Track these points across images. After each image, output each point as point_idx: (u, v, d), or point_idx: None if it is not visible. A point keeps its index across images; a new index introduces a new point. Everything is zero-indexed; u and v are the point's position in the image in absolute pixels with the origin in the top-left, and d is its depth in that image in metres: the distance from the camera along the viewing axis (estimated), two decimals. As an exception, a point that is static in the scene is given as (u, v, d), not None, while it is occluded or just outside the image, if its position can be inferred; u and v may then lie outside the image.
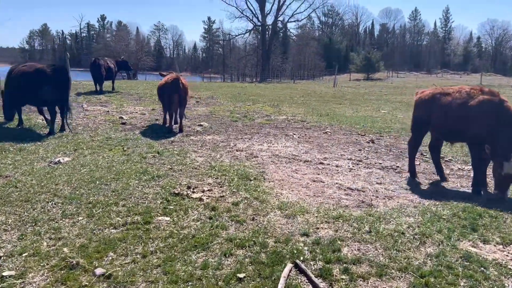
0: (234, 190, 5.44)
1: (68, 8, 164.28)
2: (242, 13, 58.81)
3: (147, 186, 5.46)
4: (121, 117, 11.55)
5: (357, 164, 7.54)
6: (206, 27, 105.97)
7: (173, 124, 10.17)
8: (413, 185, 6.50)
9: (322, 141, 9.43)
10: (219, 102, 16.53)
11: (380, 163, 7.67)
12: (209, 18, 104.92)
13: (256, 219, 4.57)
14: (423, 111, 6.69)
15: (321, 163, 7.51)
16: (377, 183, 6.50)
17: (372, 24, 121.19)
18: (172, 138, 8.96)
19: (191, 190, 5.34)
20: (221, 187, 5.58)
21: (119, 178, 5.70)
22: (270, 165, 7.13)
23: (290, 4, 62.01)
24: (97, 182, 5.49)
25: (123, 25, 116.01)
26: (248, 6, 60.08)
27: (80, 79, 24.42)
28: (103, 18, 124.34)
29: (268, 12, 60.30)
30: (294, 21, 65.31)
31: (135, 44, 50.03)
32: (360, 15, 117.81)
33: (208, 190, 5.39)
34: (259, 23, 59.71)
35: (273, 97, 19.66)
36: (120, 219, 4.41)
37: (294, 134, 10.17)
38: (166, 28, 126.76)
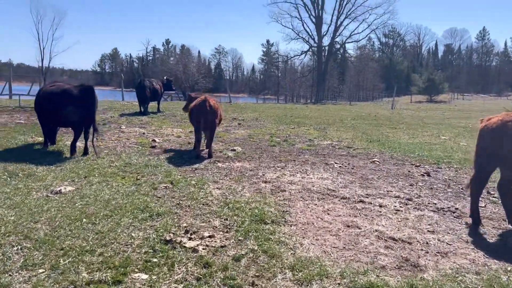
0: (241, 237, 4.39)
1: (136, 33, 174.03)
2: (298, 34, 58.33)
3: (139, 227, 4.56)
4: (154, 140, 10.95)
5: (406, 204, 6.21)
6: (264, 49, 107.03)
7: (203, 149, 9.37)
8: (476, 236, 5.09)
9: (367, 173, 8.15)
10: (262, 125, 15.63)
11: (435, 204, 6.29)
12: (267, 41, 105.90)
13: (256, 285, 3.49)
14: (491, 143, 5.30)
15: (361, 201, 6.28)
16: (428, 231, 5.17)
17: (436, 44, 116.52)
18: (197, 165, 8.11)
19: (188, 235, 4.36)
20: (227, 232, 4.56)
21: (112, 216, 4.86)
22: (298, 202, 6.01)
23: (347, 25, 60.68)
24: (84, 221, 4.67)
25: (186, 49, 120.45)
26: (304, 28, 59.48)
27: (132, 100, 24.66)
28: (167, 42, 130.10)
29: (324, 33, 59.40)
30: (352, 42, 63.63)
31: (192, 66, 50.98)
32: (423, 36, 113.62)
33: (210, 236, 4.38)
34: (315, 45, 58.82)
35: (321, 119, 18.47)
36: (86, 275, 3.52)
37: (336, 163, 8.96)
38: (226, 51, 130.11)
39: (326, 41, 60.76)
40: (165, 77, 19.73)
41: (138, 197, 5.65)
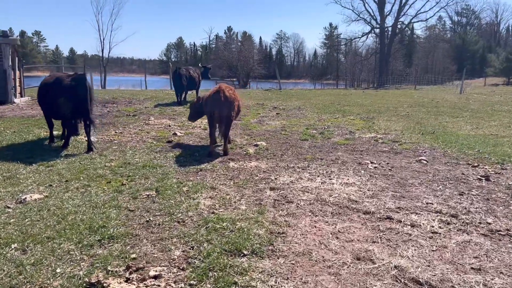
0: (194, 281, 3.26)
1: (200, 21, 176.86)
2: (358, 15, 55.16)
3: (74, 258, 3.58)
4: (175, 133, 10.10)
5: (448, 224, 4.73)
6: (327, 33, 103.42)
7: (220, 144, 8.35)
8: (545, 279, 3.58)
9: (408, 176, 6.65)
10: (303, 114, 14.28)
11: (489, 224, 4.74)
12: (330, 24, 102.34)
13: None
14: None
15: (388, 217, 4.89)
16: (472, 268, 3.73)
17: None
18: (204, 165, 7.09)
19: (127, 274, 3.31)
20: (182, 269, 3.45)
21: (54, 239, 3.94)
22: (303, 219, 4.77)
23: (413, 3, 56.41)
24: (14, 246, 3.80)
25: (248, 35, 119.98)
26: (365, 8, 56.10)
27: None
28: (229, 29, 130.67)
29: (388, 13, 55.63)
30: (418, 21, 59.14)
31: (247, 52, 50.05)
32: (501, 12, 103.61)
33: (155, 276, 3.30)
34: (377, 26, 55.34)
35: (373, 107, 16.68)
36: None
37: (372, 162, 7.51)
38: (287, 36, 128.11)
39: (389, 21, 57.00)
40: (200, 65, 18.85)
41: (104, 210, 4.71)
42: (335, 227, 4.59)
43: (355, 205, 5.28)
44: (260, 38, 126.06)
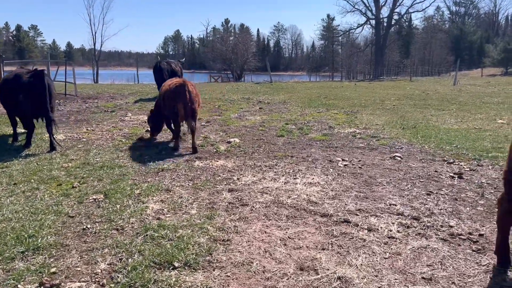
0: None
1: (197, 14, 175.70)
2: (354, 6, 54.55)
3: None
4: (148, 130, 9.79)
5: (408, 227, 4.47)
6: (325, 24, 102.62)
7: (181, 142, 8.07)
8: (501, 290, 3.33)
9: (377, 174, 6.37)
10: (287, 108, 13.97)
11: (451, 227, 4.47)
12: (328, 16, 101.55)
13: None
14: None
15: (345, 221, 4.63)
16: (423, 278, 3.47)
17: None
18: (168, 164, 6.81)
19: (38, 292, 3.06)
20: (102, 286, 3.18)
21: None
22: (256, 223, 4.50)
23: (409, -8, 55.68)
24: None
25: (245, 28, 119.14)
26: (361, -1, 55.43)
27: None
28: (226, 21, 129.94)
29: (383, 3, 55.03)
30: (414, 11, 58.55)
31: (241, 45, 49.48)
32: (500, 1, 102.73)
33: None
34: (372, 17, 54.74)
35: (359, 100, 16.37)
36: None
37: (344, 159, 7.24)
38: (285, 28, 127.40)
39: (385, 12, 56.42)
40: (178, 60, 18.49)
41: (42, 217, 4.44)
42: (287, 232, 4.32)
43: (314, 207, 5.01)
44: (258, 30, 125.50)
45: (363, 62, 60.70)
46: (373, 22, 55.56)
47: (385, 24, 56.18)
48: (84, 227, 4.22)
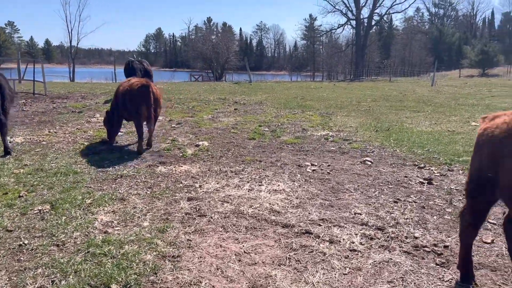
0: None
1: (179, 12, 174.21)
2: (334, 7, 54.66)
3: None
4: (115, 132, 9.43)
5: (371, 239, 4.25)
6: (307, 24, 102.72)
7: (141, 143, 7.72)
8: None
9: (346, 180, 6.17)
10: (262, 110, 13.73)
11: (416, 238, 4.28)
12: (310, 16, 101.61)
13: None
14: (488, 160, 3.23)
15: (307, 232, 4.39)
16: (382, 298, 3.26)
17: (492, 13, 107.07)
18: (128, 170, 6.45)
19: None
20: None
21: None
22: (212, 236, 4.23)
23: (389, -6, 56.19)
24: None
25: (228, 26, 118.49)
26: (342, -1, 55.58)
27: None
28: (209, 20, 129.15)
29: (363, 4, 55.31)
30: (393, 12, 59.04)
31: (223, 44, 48.95)
32: (477, 4, 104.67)
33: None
34: (353, 17, 54.96)
35: (336, 101, 16.24)
36: None
37: (313, 164, 7.02)
38: (267, 27, 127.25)
39: (365, 13, 56.73)
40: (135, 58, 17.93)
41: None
42: (244, 246, 4.06)
43: (276, 216, 4.77)
44: (240, 29, 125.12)
45: (344, 62, 60.94)
46: (353, 22, 55.82)
47: (365, 24, 56.46)
48: (21, 243, 3.88)
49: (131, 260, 3.57)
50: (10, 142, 7.50)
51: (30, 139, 8.51)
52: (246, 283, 3.40)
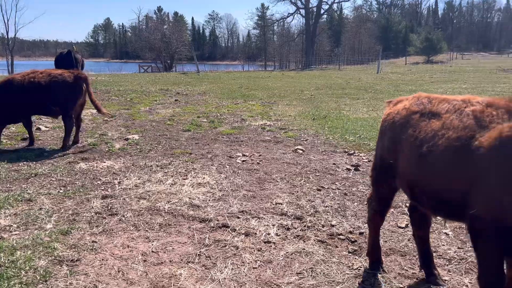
0: None
1: (129, 2, 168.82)
2: (283, -4, 54.73)
3: None
4: (39, 128, 8.87)
5: (288, 229, 4.17)
6: (259, 14, 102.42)
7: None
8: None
9: (274, 170, 6.08)
10: (204, 100, 13.46)
11: (332, 226, 4.24)
12: (262, 5, 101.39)
13: None
14: (388, 147, 3.19)
15: (224, 225, 4.24)
16: (288, 290, 3.16)
17: (436, 2, 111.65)
18: (45, 167, 6.04)
19: None
20: None
21: None
22: (120, 236, 3.98)
23: (337, -17, 56.96)
24: None
25: (179, 16, 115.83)
26: (291, -12, 55.74)
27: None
28: (159, 9, 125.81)
29: (312, -7, 55.74)
30: (342, 1, 60.00)
31: (171, 34, 47.78)
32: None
33: None
34: (302, 6, 55.34)
35: (279, 91, 16.24)
36: None
37: (244, 155, 6.88)
38: (220, 17, 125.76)
39: (314, 2, 57.28)
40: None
41: None
42: (153, 244, 3.85)
43: (195, 211, 4.58)
44: (192, 18, 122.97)
45: (295, 51, 61.35)
46: (303, 11, 56.18)
47: (314, 13, 57.00)
48: None
49: (19, 267, 3.28)
50: None
51: None
52: (147, 285, 3.21)
